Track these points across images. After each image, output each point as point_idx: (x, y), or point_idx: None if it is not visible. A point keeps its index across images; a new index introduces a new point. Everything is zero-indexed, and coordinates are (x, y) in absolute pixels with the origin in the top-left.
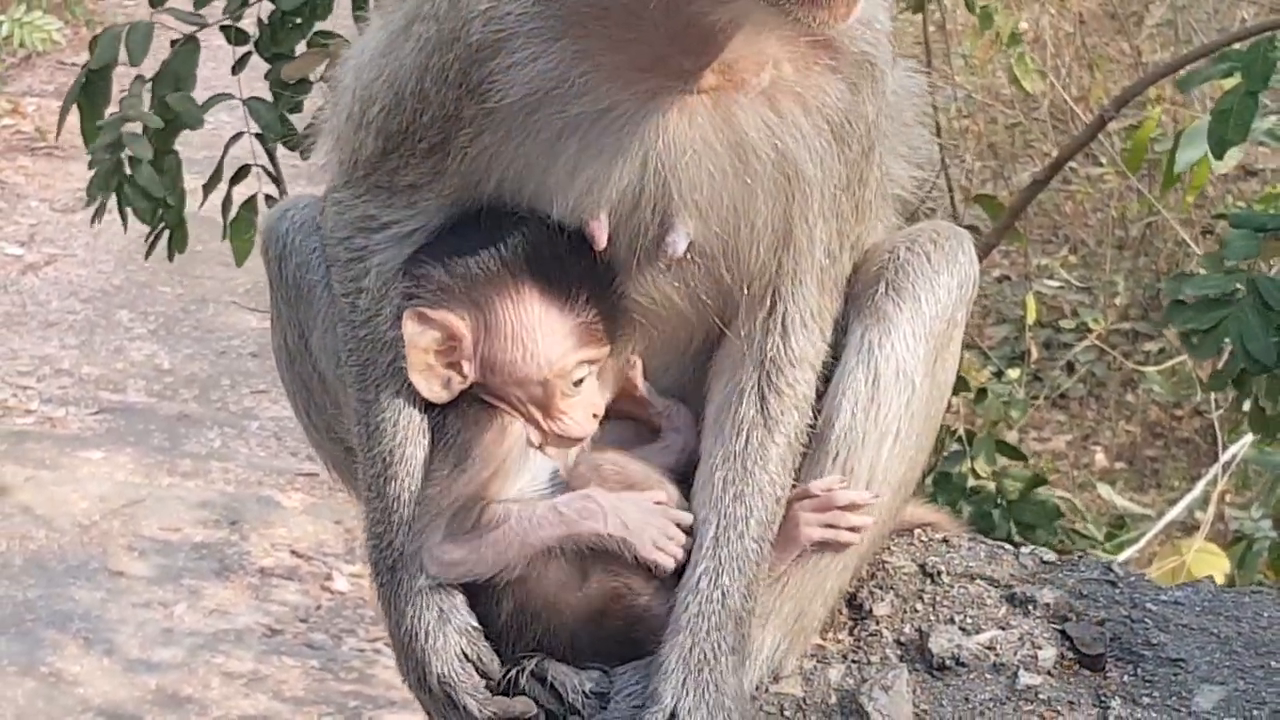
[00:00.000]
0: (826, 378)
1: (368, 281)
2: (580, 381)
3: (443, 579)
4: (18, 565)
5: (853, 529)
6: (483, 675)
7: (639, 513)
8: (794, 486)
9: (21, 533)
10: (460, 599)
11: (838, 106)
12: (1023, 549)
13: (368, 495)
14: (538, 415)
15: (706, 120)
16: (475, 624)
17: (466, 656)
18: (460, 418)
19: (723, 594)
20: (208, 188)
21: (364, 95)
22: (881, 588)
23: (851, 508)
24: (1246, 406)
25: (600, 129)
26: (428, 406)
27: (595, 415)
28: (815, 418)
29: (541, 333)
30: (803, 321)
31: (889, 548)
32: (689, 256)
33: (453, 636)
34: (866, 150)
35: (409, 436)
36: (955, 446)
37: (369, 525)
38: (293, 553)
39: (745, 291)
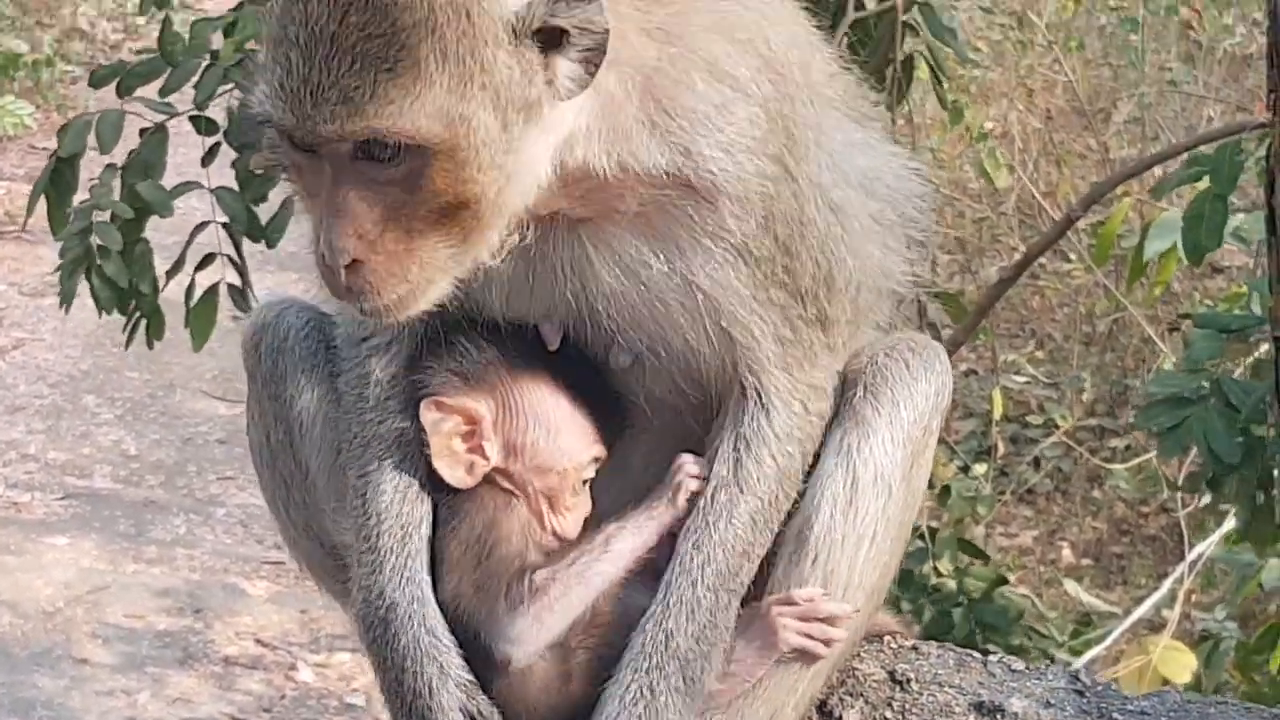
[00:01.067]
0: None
1: (369, 390)
2: (585, 482)
3: (536, 653)
4: None
5: (828, 641)
6: None
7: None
8: (767, 580)
9: None
10: (456, 654)
11: (707, 224)
12: (991, 657)
13: (359, 550)
14: (544, 508)
15: (593, 247)
16: (472, 678)
17: (466, 711)
18: (472, 499)
19: (667, 636)
20: (170, 274)
21: None
22: (851, 694)
23: (830, 619)
24: (1227, 508)
25: (517, 254)
26: (433, 482)
27: (585, 520)
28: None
29: (561, 419)
30: (780, 399)
31: (859, 654)
32: (643, 365)
33: (454, 692)
34: (776, 250)
35: (407, 497)
36: (919, 544)
37: (359, 579)
38: (257, 641)
39: (711, 389)
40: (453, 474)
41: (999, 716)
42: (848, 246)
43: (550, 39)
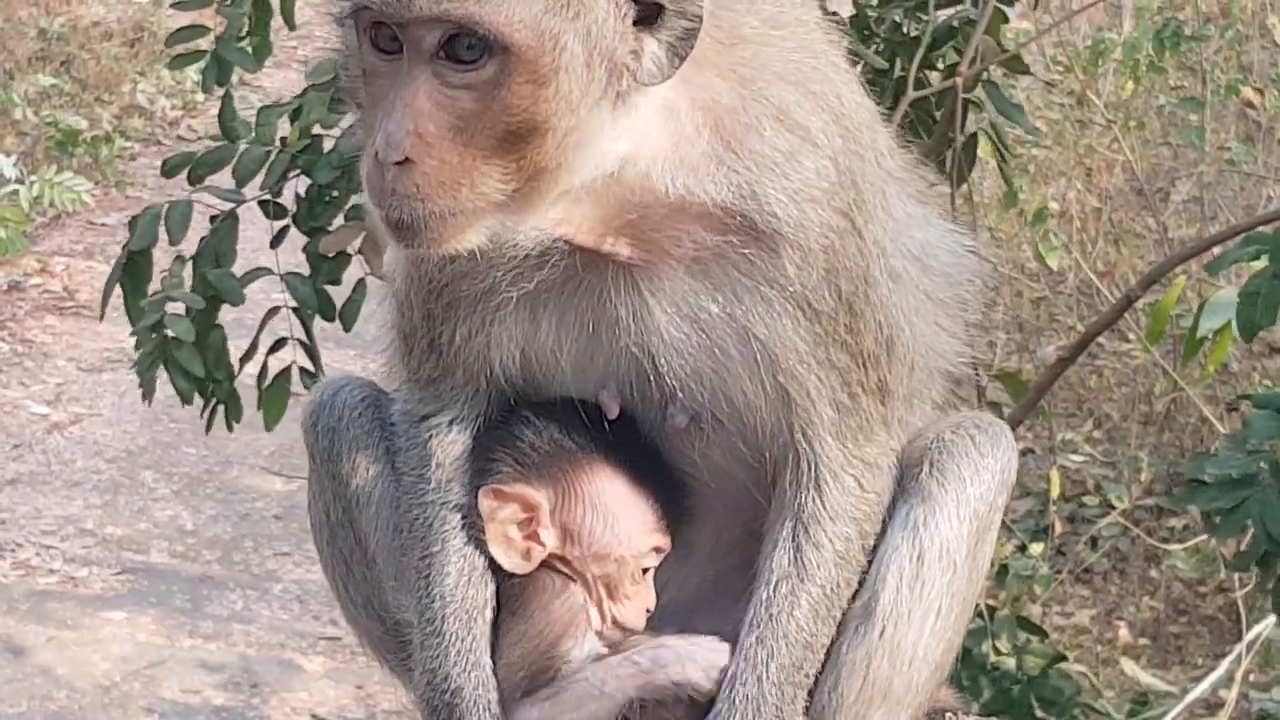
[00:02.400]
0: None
1: (430, 471)
2: (646, 571)
3: None
4: None
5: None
6: None
7: (712, 654)
8: (831, 655)
9: (42, 693)
10: None
11: (767, 271)
12: None
13: (423, 632)
14: (603, 595)
15: (651, 294)
16: None
17: None
18: (530, 582)
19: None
20: (244, 360)
21: (391, 300)
22: None
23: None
24: (1271, 587)
25: (564, 308)
26: (493, 565)
27: (649, 610)
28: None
29: (620, 506)
30: (832, 474)
31: None
32: (700, 427)
33: None
34: (839, 307)
35: (471, 580)
36: (977, 621)
37: (422, 662)
38: (313, 717)
39: (767, 454)
40: (509, 561)
41: None
42: (905, 316)
43: (646, 14)
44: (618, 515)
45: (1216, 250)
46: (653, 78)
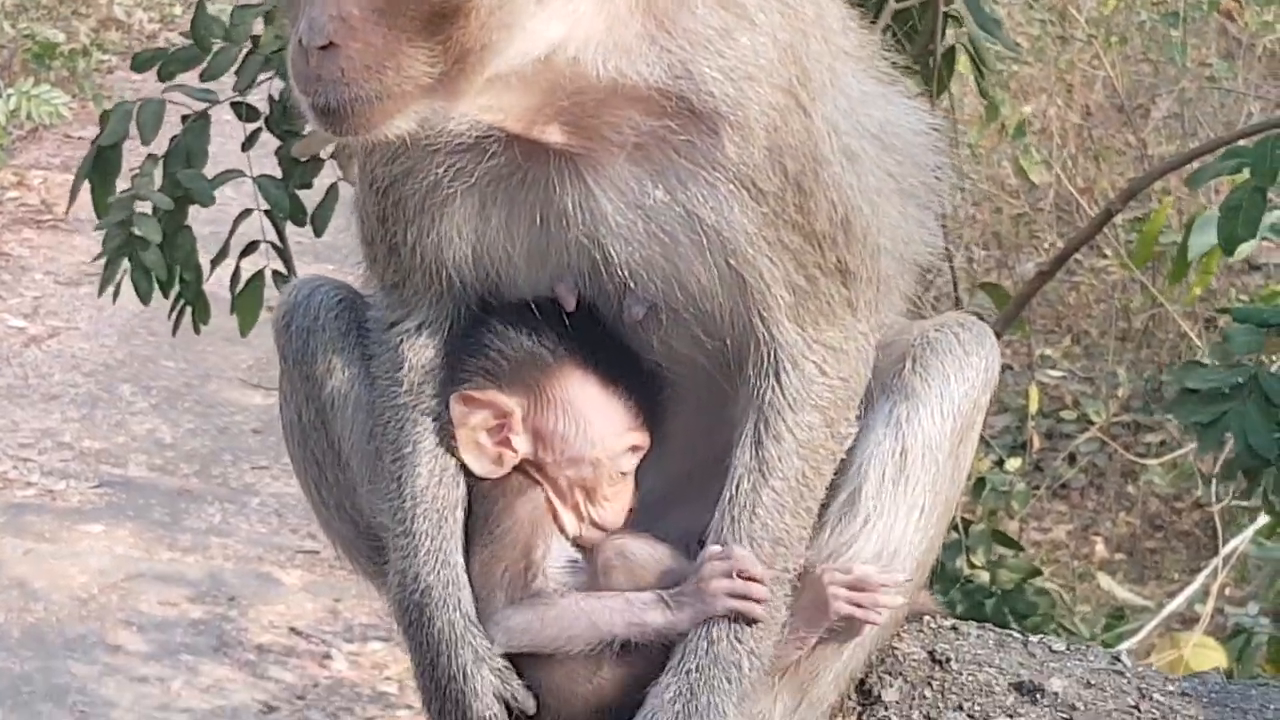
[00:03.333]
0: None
1: (402, 374)
2: (625, 473)
3: (509, 647)
4: (15, 638)
5: (879, 610)
6: (518, 713)
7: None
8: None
9: (19, 606)
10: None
11: (708, 153)
12: (1031, 638)
13: (394, 533)
14: (580, 499)
15: (595, 183)
16: (507, 663)
17: (500, 695)
18: (496, 486)
19: (709, 643)
20: (215, 262)
21: (354, 206)
22: (891, 673)
23: (880, 588)
24: (1257, 497)
25: (511, 201)
26: (465, 469)
27: (631, 510)
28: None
29: (592, 409)
30: (791, 360)
31: (899, 634)
32: (659, 318)
33: (489, 677)
34: (786, 186)
35: (442, 481)
36: (953, 535)
37: (394, 563)
38: (291, 630)
39: (728, 341)
40: (480, 466)
41: (1039, 696)
42: (863, 196)
43: None
44: (590, 419)
45: (1196, 165)
46: None
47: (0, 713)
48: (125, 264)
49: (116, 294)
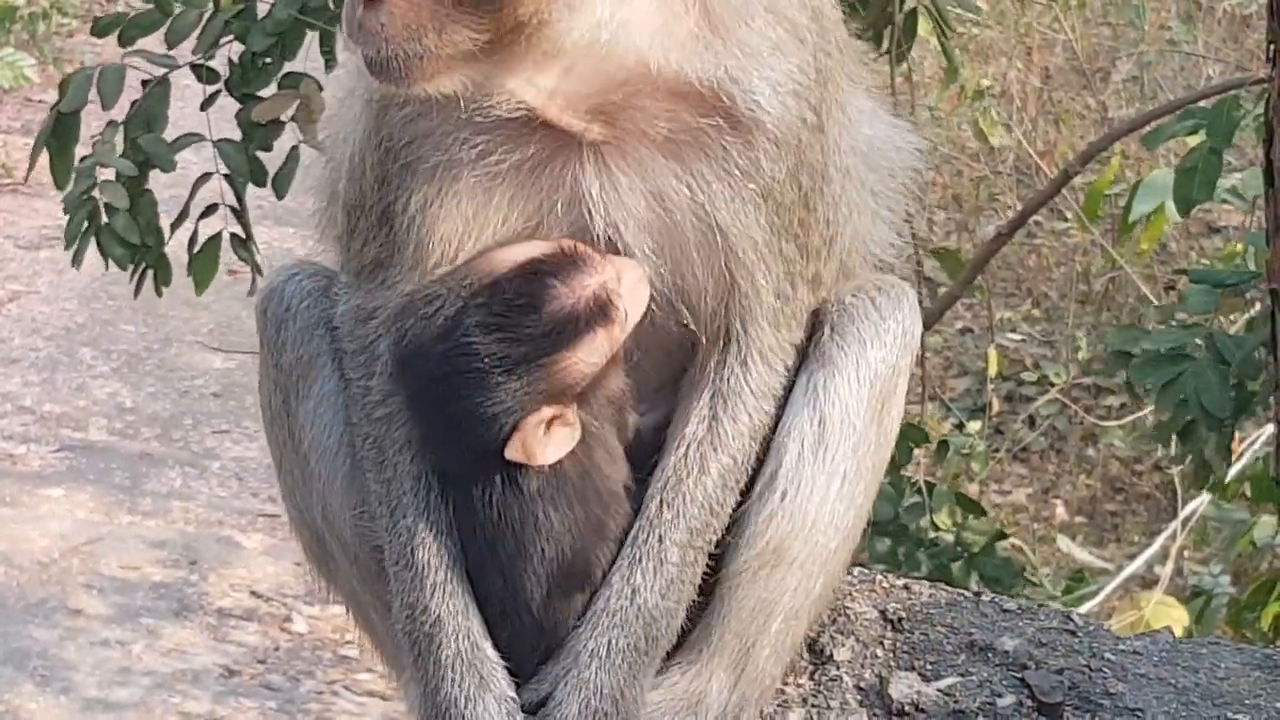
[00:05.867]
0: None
1: (378, 367)
2: None
3: None
4: None
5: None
6: None
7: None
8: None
9: None
10: (499, 667)
11: (740, 160)
12: (983, 597)
13: (396, 567)
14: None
15: (621, 173)
16: (513, 695)
17: None
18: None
19: (633, 591)
20: (174, 226)
21: (340, 169)
22: (842, 633)
23: None
24: (1192, 456)
25: (522, 180)
26: (443, 479)
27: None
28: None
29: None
30: (761, 356)
31: (850, 593)
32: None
33: (492, 705)
34: (797, 201)
35: (431, 505)
36: (916, 498)
37: (399, 594)
38: (252, 593)
39: (704, 331)
40: (560, 450)
41: (990, 655)
42: (846, 211)
43: None
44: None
45: (1154, 127)
46: None
47: None
48: (89, 229)
49: (78, 263)
